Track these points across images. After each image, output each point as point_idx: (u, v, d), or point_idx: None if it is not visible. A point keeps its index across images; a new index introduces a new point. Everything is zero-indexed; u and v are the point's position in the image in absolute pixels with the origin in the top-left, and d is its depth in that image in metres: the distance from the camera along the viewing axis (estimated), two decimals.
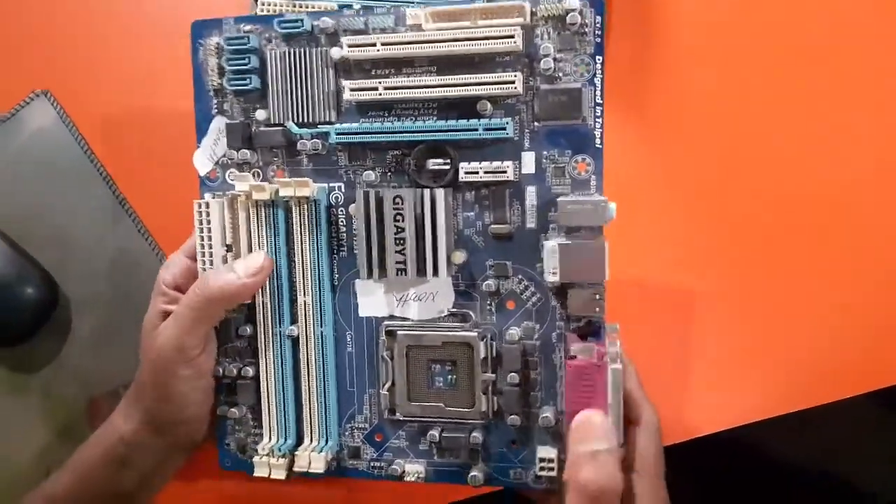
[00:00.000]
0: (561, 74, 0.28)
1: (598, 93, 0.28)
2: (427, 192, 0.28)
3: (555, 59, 0.28)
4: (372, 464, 0.32)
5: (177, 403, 0.31)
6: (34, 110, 0.40)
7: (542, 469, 0.30)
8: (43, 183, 0.40)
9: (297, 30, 0.30)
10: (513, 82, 0.27)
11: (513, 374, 0.30)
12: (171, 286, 0.31)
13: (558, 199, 0.27)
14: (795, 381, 0.36)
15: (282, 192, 0.29)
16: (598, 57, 0.28)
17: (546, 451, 0.30)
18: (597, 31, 0.28)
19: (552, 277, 0.27)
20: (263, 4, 0.32)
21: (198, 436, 0.32)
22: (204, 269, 0.31)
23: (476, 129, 0.28)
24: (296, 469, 0.31)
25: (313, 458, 0.31)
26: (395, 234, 0.29)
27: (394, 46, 0.28)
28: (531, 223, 0.29)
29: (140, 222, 0.40)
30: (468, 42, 0.28)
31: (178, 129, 0.38)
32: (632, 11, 0.37)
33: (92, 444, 0.32)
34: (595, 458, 0.26)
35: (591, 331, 0.29)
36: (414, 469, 0.31)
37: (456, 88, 0.28)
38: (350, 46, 0.28)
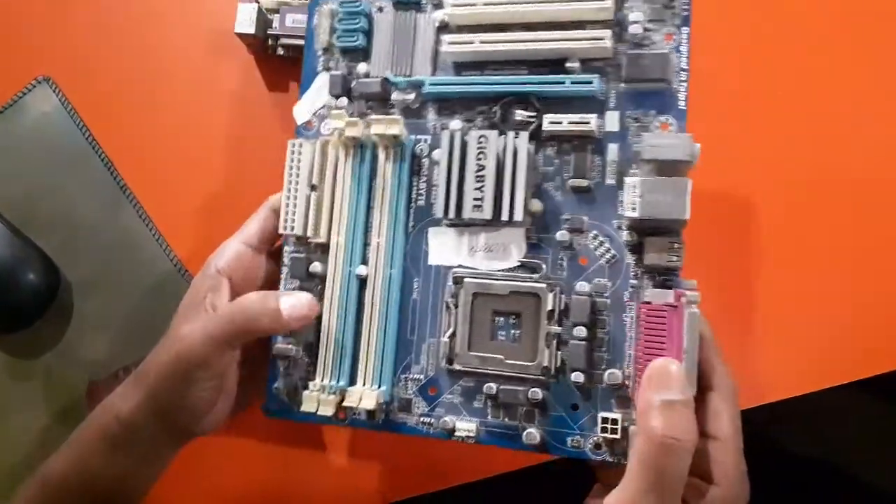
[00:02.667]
0: (648, 42, 0.30)
1: (685, 59, 0.29)
2: (511, 134, 0.30)
3: (644, 28, 0.30)
4: (422, 419, 0.31)
5: (188, 398, 0.30)
6: (36, 97, 0.40)
7: (603, 430, 0.28)
8: (45, 169, 0.40)
9: None
10: (602, 39, 0.29)
11: (580, 327, 0.29)
12: (224, 273, 0.32)
13: (643, 134, 0.28)
14: (797, 366, 0.35)
15: (373, 129, 0.31)
16: (684, 28, 0.30)
17: (609, 413, 0.28)
18: (684, 4, 0.30)
19: (631, 213, 0.27)
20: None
21: (196, 426, 0.31)
22: (287, 206, 0.32)
23: (563, 83, 0.30)
24: (345, 404, 0.30)
25: (364, 395, 0.30)
26: (476, 171, 0.30)
27: (493, 6, 0.31)
28: (611, 180, 0.30)
29: (141, 207, 0.40)
30: (565, 4, 0.30)
31: (179, 114, 0.40)
32: None
33: (87, 425, 0.32)
34: (670, 408, 0.24)
35: (666, 284, 0.28)
36: (465, 427, 0.30)
37: (548, 44, 0.30)
38: (453, 5, 0.31)
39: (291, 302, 0.30)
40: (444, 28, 0.32)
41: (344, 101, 0.33)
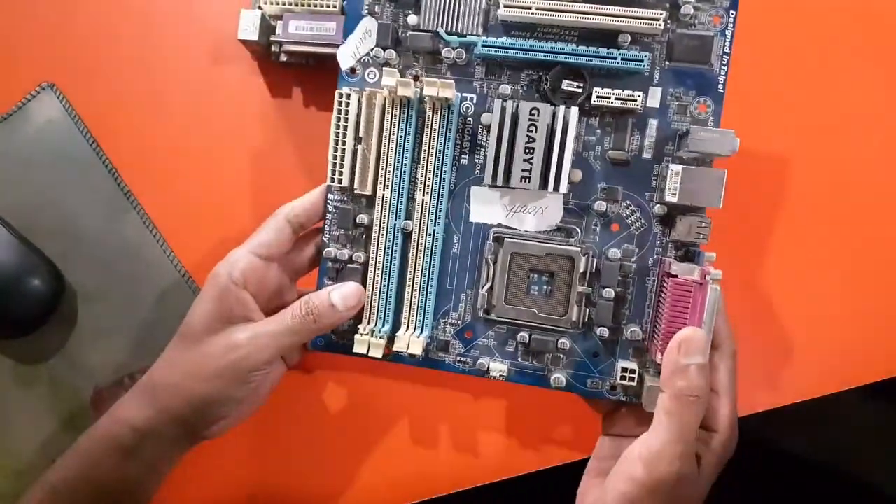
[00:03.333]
0: (696, 22, 0.31)
1: (728, 43, 0.31)
2: (562, 108, 0.31)
3: (695, 7, 0.31)
4: (458, 358, 0.35)
5: (227, 405, 0.31)
6: (40, 104, 0.40)
7: (622, 378, 0.32)
8: (49, 175, 0.40)
9: None
10: (657, 19, 0.30)
11: (609, 289, 0.32)
12: (240, 283, 0.32)
13: (691, 127, 0.30)
14: (803, 371, 0.38)
15: (426, 91, 0.32)
16: (732, 11, 0.31)
17: (627, 363, 0.32)
18: None
19: (670, 198, 0.30)
20: (266, 3, 0.36)
21: (211, 430, 0.33)
22: (335, 159, 0.33)
23: (615, 59, 0.31)
24: (395, 349, 0.33)
25: (412, 342, 0.33)
26: (526, 143, 0.31)
27: None
28: (648, 154, 0.32)
29: (145, 214, 0.40)
30: None
31: (183, 121, 0.40)
32: None
33: (97, 435, 0.32)
34: (694, 370, 0.29)
35: (690, 257, 0.31)
36: (498, 367, 0.34)
37: (604, 18, 0.31)
38: None
39: (342, 293, 0.32)
40: None
41: (392, 52, 0.33)
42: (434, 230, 0.34)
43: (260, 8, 0.37)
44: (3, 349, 0.40)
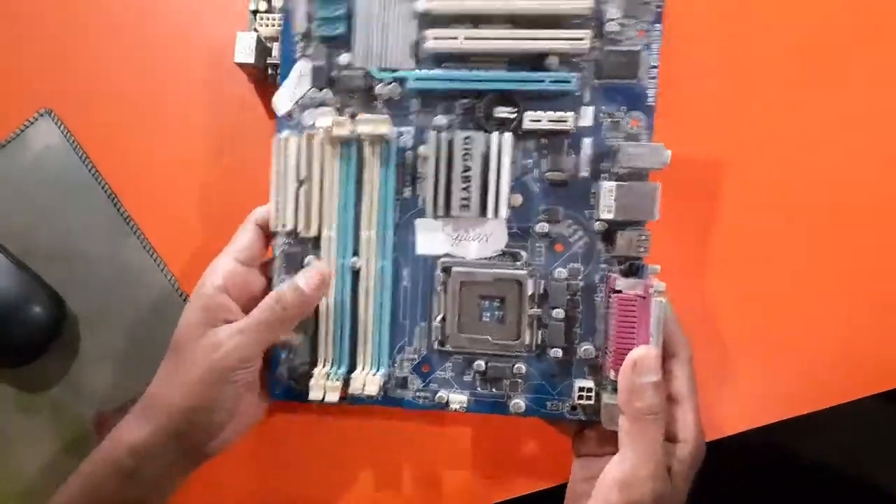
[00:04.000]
0: (623, 38, 0.31)
1: (655, 57, 0.31)
2: (495, 135, 0.31)
3: (620, 24, 0.31)
4: (418, 393, 0.34)
5: (216, 410, 0.31)
6: (38, 130, 0.41)
7: (580, 398, 0.32)
8: (48, 201, 0.40)
9: None
10: (582, 39, 0.30)
11: (558, 309, 0.32)
12: (221, 290, 0.32)
13: (621, 144, 0.30)
14: (812, 381, 0.38)
15: (360, 129, 0.32)
16: (656, 25, 0.31)
17: (583, 382, 0.32)
18: (658, 1, 0.31)
19: (607, 215, 0.30)
20: (262, 20, 0.36)
21: (211, 445, 0.32)
22: (277, 203, 0.33)
23: (543, 81, 0.31)
24: (350, 392, 0.33)
25: (368, 381, 0.33)
26: (463, 171, 0.31)
27: (476, 0, 0.31)
28: (585, 172, 0.32)
29: (144, 238, 0.40)
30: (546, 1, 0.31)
31: (181, 144, 0.40)
32: None
33: (98, 459, 0.32)
34: (649, 388, 0.29)
35: (634, 270, 0.31)
36: (458, 399, 0.33)
37: (530, 42, 0.31)
38: None
39: (306, 274, 0.32)
40: (424, 17, 0.33)
41: (328, 92, 0.34)
42: (382, 266, 0.34)
43: (255, 30, 0.37)
44: (4, 377, 0.40)
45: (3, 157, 0.41)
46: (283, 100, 0.35)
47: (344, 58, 0.33)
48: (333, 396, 0.33)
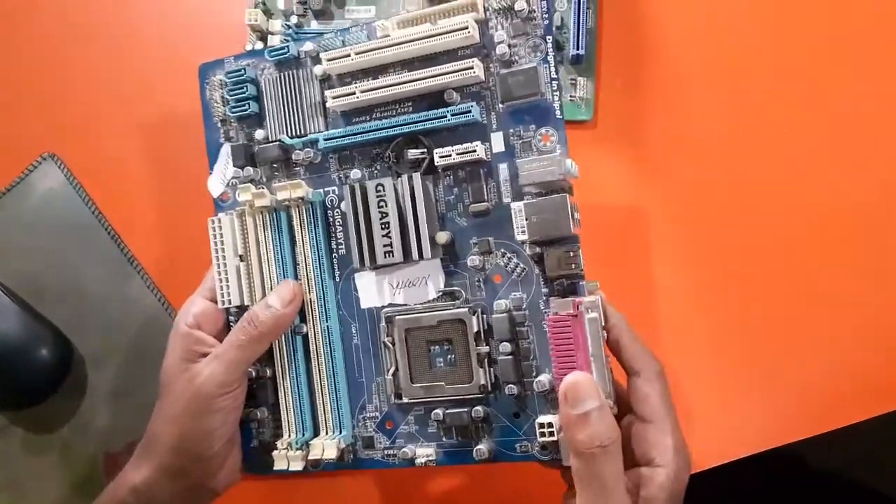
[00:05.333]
0: (517, 58, 0.31)
1: (552, 69, 0.30)
2: (405, 177, 0.31)
3: (509, 45, 0.31)
4: (386, 452, 0.33)
5: (206, 440, 0.32)
6: (42, 174, 0.41)
7: (542, 435, 0.30)
8: (53, 243, 0.41)
9: (284, 56, 0.34)
10: (471, 68, 0.30)
11: (504, 343, 0.31)
12: (194, 326, 0.33)
13: (517, 161, 0.29)
14: (818, 403, 0.35)
15: (279, 196, 0.33)
16: (548, 37, 0.30)
17: (545, 417, 0.30)
18: (544, 14, 0.30)
19: (522, 236, 0.29)
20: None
21: (212, 482, 0.33)
22: (220, 281, 0.34)
23: (444, 116, 0.31)
24: (310, 458, 0.32)
25: (326, 446, 0.32)
26: (380, 219, 0.31)
27: (365, 54, 0.31)
28: (507, 198, 0.31)
29: (149, 278, 0.41)
30: (431, 39, 0.31)
31: (183, 185, 0.41)
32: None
33: (103, 502, 0.33)
34: (587, 419, 0.26)
35: (571, 289, 0.29)
36: (424, 452, 0.32)
37: (423, 82, 0.31)
38: (328, 60, 0.32)
39: (278, 293, 0.32)
40: (326, 80, 0.33)
41: (250, 169, 0.35)
42: (328, 326, 0.33)
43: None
44: (13, 419, 0.40)
45: (7, 201, 0.42)
46: (216, 183, 0.36)
47: (259, 133, 0.34)
48: (297, 465, 0.32)
